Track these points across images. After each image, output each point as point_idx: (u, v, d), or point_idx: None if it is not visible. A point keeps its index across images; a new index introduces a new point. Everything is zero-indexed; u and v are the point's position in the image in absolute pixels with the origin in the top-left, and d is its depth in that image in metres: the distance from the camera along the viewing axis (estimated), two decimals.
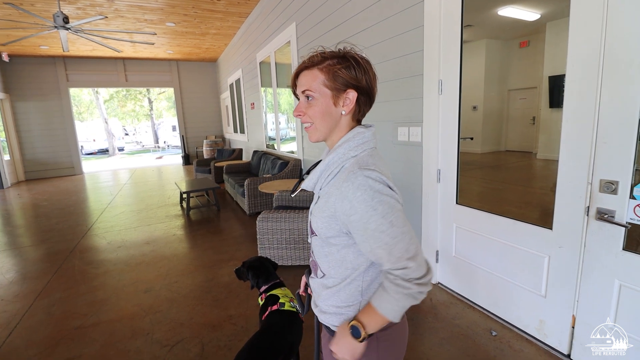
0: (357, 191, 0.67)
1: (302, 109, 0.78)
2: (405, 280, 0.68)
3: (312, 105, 0.76)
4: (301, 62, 0.78)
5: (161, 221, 4.35)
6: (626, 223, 1.32)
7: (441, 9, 2.05)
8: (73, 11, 5.14)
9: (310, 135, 0.80)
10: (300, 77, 0.77)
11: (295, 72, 0.79)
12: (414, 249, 0.69)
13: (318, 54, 0.76)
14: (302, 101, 0.78)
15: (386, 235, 0.67)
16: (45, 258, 3.25)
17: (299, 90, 0.78)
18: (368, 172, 0.69)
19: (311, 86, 0.75)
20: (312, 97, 0.75)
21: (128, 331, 2.01)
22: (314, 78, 0.75)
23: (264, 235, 2.70)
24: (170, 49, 8.20)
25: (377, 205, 0.66)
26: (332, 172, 0.75)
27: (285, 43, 4.52)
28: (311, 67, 0.75)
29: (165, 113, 24.66)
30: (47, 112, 8.60)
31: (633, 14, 1.23)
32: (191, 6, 5.27)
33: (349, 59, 0.74)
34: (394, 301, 0.69)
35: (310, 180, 0.79)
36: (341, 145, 0.76)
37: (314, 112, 0.76)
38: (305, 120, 0.78)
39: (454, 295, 2.23)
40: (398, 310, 0.70)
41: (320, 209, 0.76)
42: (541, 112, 2.65)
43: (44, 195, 6.44)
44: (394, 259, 0.68)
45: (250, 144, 7.31)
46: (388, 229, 0.66)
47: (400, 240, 0.67)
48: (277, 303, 1.38)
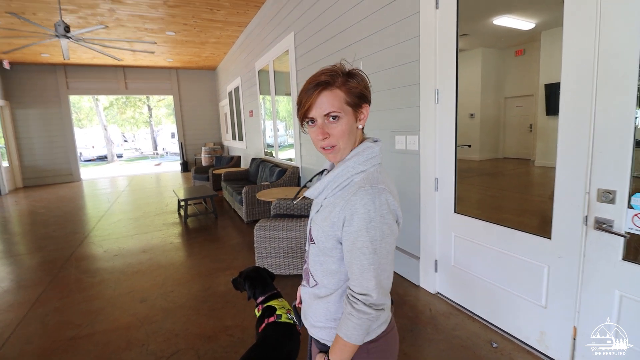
0: (362, 208, 0.70)
1: (327, 130, 0.74)
2: (366, 305, 0.72)
3: (338, 125, 0.73)
4: (314, 83, 0.73)
5: (158, 229, 4.32)
6: (625, 233, 1.32)
7: (437, 20, 2.08)
8: (74, 20, 5.19)
9: (333, 156, 0.77)
10: (320, 98, 0.72)
11: (312, 92, 0.73)
12: (383, 282, 0.73)
13: (328, 72, 0.73)
14: (323, 123, 0.74)
15: (365, 259, 0.70)
16: (40, 266, 3.22)
17: (319, 113, 0.73)
18: (378, 192, 0.71)
19: (336, 106, 0.72)
20: (338, 117, 0.73)
21: (123, 342, 1.98)
22: (337, 97, 0.72)
23: (261, 243, 2.68)
24: (170, 57, 8.27)
25: (370, 229, 0.69)
26: (340, 184, 0.76)
27: (283, 52, 4.56)
28: (330, 87, 0.72)
29: (164, 120, 24.74)
30: (46, 119, 8.62)
31: (626, 25, 1.25)
32: (191, 16, 5.33)
33: (357, 75, 0.75)
34: (357, 326, 0.72)
35: (315, 189, 0.80)
36: (351, 159, 0.76)
37: (339, 132, 0.74)
38: (329, 143, 0.75)
39: (454, 306, 2.20)
40: (360, 334, 0.73)
41: (323, 218, 0.77)
42: (538, 120, 2.66)
43: (41, 203, 6.41)
44: (361, 280, 0.72)
45: (248, 151, 7.32)
46: (370, 253, 0.70)
47: (375, 269, 0.71)
48: (274, 315, 1.36)
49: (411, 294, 2.38)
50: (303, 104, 0.74)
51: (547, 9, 2.26)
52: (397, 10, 2.36)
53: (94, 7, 4.77)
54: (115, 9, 4.86)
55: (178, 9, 5.01)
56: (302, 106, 0.75)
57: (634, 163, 1.29)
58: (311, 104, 0.73)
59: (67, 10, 4.75)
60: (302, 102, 0.75)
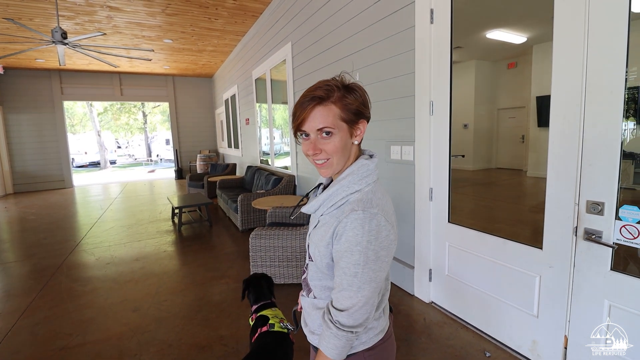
0: (351, 231, 0.70)
1: (320, 146, 0.74)
2: (332, 321, 0.73)
3: (331, 141, 0.73)
4: (309, 97, 0.72)
5: (152, 237, 4.28)
6: (613, 243, 1.35)
7: (431, 34, 2.14)
8: (71, 26, 5.20)
9: (325, 170, 0.77)
10: (314, 113, 0.72)
11: (304, 109, 0.73)
12: (359, 305, 0.71)
13: (324, 86, 0.72)
14: (315, 138, 0.74)
15: (346, 279, 0.71)
16: (30, 274, 3.16)
17: (312, 127, 0.73)
18: (370, 217, 0.70)
19: (329, 122, 0.72)
20: (331, 133, 0.73)
21: (115, 352, 1.95)
22: (331, 113, 0.72)
23: (256, 252, 2.67)
24: (167, 64, 8.29)
25: (355, 253, 0.70)
26: (336, 203, 0.75)
27: (281, 61, 4.62)
28: (325, 103, 0.72)
29: (159, 126, 24.65)
30: (39, 124, 8.54)
31: (612, 43, 1.30)
32: (189, 24, 5.38)
33: (356, 90, 0.75)
34: (327, 338, 0.74)
35: (312, 206, 0.80)
36: (345, 178, 0.76)
37: (332, 148, 0.73)
38: (321, 157, 0.75)
39: (448, 315, 2.22)
40: (333, 348, 0.73)
41: (320, 238, 0.78)
42: (530, 131, 2.73)
43: (32, 209, 6.30)
44: (339, 297, 0.73)
45: (244, 159, 7.32)
46: (350, 275, 0.71)
47: (353, 291, 0.71)
48: (267, 324, 1.36)
49: (405, 303, 2.39)
50: (297, 116, 0.74)
51: (538, 24, 2.34)
52: (393, 24, 2.42)
53: (92, 14, 4.79)
54: (113, 16, 4.89)
55: (176, 17, 5.05)
56: (296, 118, 0.74)
57: (622, 175, 1.33)
58: (304, 118, 0.73)
59: (65, 16, 4.76)
60: (296, 114, 0.74)
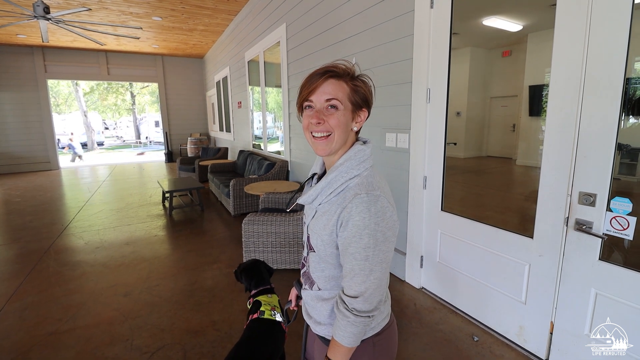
0: (357, 215, 0.70)
1: (324, 117, 0.73)
2: (348, 309, 0.73)
3: (335, 115, 0.73)
4: (322, 70, 0.73)
5: (142, 221, 4.23)
6: (602, 234, 1.38)
7: (431, 19, 2.08)
8: (54, 0, 4.93)
9: (324, 146, 0.75)
10: (326, 84, 0.73)
11: (319, 77, 0.73)
12: (371, 290, 0.72)
13: (341, 66, 0.74)
14: (321, 109, 0.73)
15: (357, 264, 0.71)
16: (17, 258, 3.10)
17: (321, 97, 0.73)
18: (375, 199, 0.70)
19: (338, 96, 0.73)
20: (337, 107, 0.73)
21: (106, 337, 1.94)
22: (341, 88, 0.73)
23: (249, 238, 2.66)
24: (156, 43, 7.99)
25: (364, 236, 0.69)
26: (335, 190, 0.75)
27: (275, 43, 4.49)
28: (339, 78, 0.73)
29: (148, 108, 24.01)
30: (22, 103, 8.22)
31: (612, 38, 1.29)
32: (179, 1, 5.15)
33: (366, 79, 0.78)
34: (343, 328, 0.73)
35: (309, 196, 0.79)
36: (343, 164, 0.76)
37: (336, 122, 0.73)
38: (323, 129, 0.74)
39: (438, 301, 2.27)
40: (350, 336, 0.73)
41: (322, 227, 0.77)
42: (521, 120, 2.73)
43: (16, 191, 6.14)
44: (351, 284, 0.73)
45: (236, 143, 7.21)
46: (361, 260, 0.71)
47: (365, 275, 0.71)
48: (258, 311, 1.36)
49: (396, 288, 2.43)
50: (307, 87, 0.74)
51: (534, 12, 2.31)
52: (392, 8, 2.36)
53: None
54: None
55: None
56: (304, 88, 0.74)
57: (615, 168, 1.34)
58: (315, 88, 0.73)
59: None
60: (306, 86, 0.74)
